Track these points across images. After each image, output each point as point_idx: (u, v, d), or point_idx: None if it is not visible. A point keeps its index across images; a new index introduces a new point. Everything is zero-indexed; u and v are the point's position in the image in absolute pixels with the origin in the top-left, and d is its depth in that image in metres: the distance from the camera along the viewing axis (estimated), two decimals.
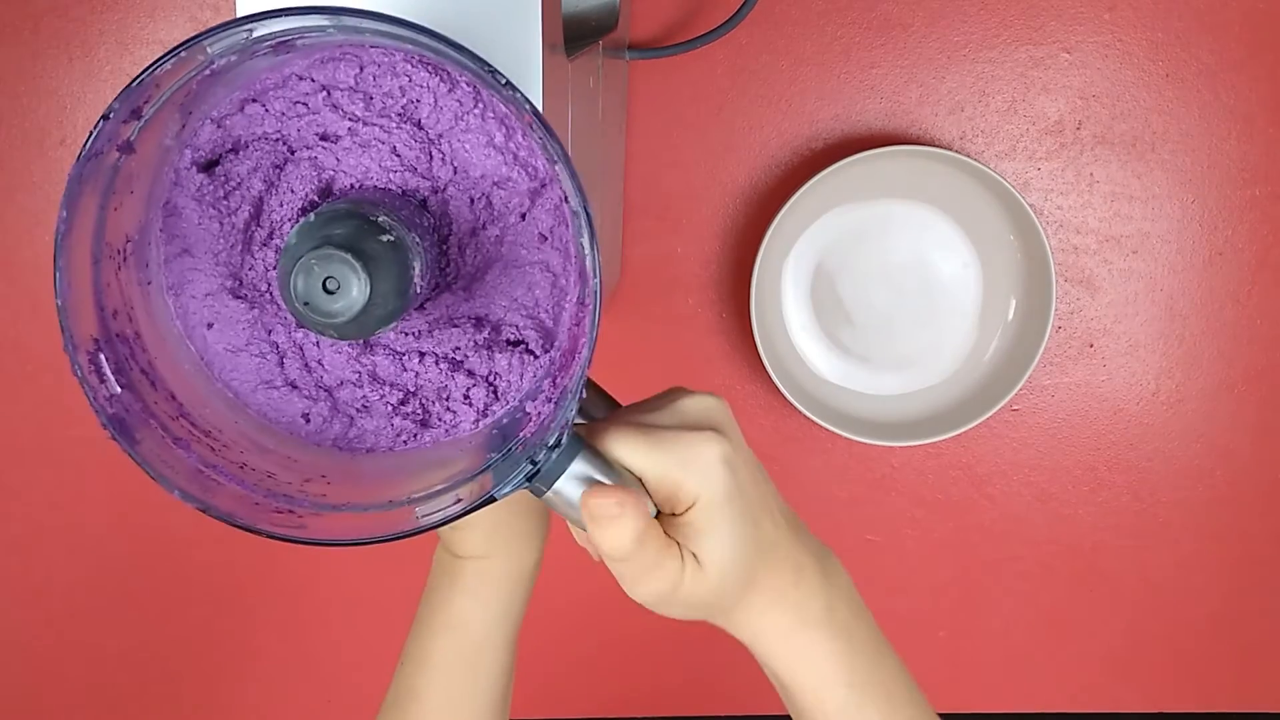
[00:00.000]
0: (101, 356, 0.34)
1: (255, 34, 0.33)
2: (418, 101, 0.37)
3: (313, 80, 0.37)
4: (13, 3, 0.67)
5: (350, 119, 0.37)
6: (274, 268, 0.38)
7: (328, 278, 0.32)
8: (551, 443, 0.35)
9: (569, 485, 0.36)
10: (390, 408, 0.39)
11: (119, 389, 0.35)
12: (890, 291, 0.70)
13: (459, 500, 0.35)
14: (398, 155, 0.38)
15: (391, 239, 0.33)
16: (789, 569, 0.40)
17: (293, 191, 0.38)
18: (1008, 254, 0.68)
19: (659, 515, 0.38)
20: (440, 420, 0.40)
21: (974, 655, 0.76)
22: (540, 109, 0.41)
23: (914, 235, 0.69)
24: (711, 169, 0.69)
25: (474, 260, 0.39)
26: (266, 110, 0.37)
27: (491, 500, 0.34)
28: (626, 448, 0.37)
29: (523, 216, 0.39)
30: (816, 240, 0.69)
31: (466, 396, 0.39)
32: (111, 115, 0.32)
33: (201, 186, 0.37)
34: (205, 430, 0.37)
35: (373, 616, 0.75)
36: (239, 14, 0.43)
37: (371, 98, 0.37)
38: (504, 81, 0.32)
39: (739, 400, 0.72)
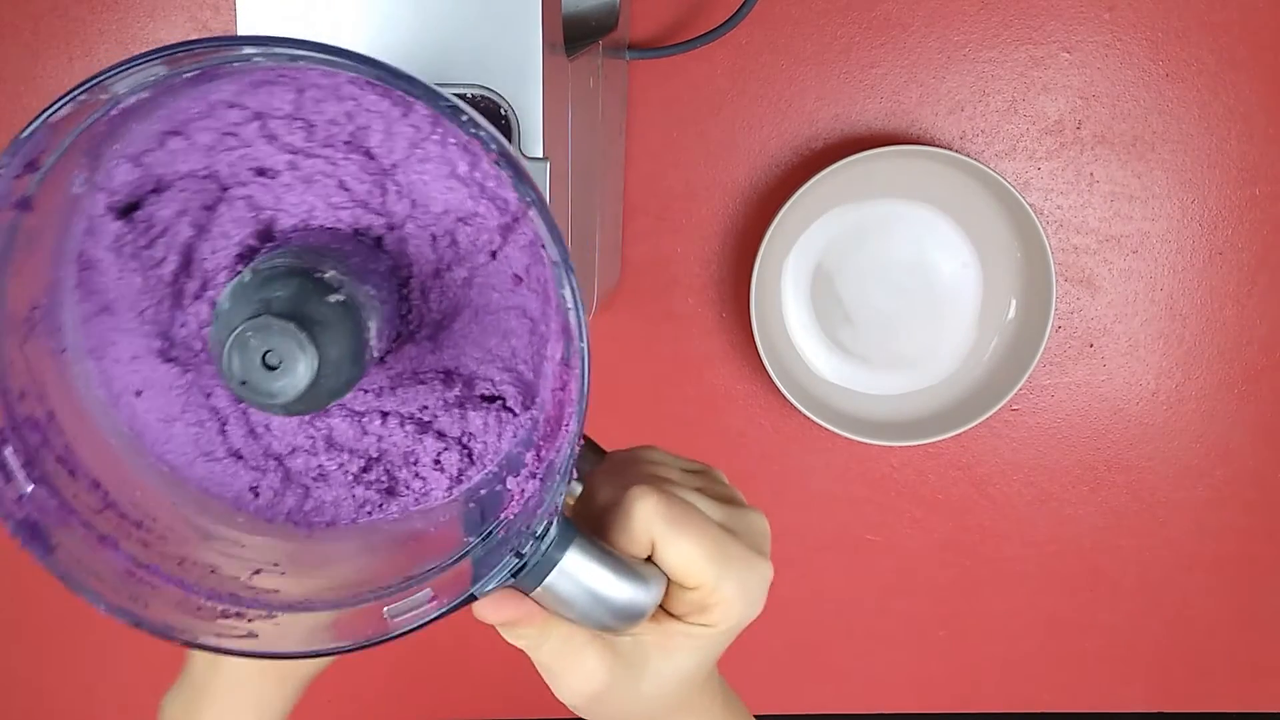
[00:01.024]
0: (7, 450, 0.29)
1: (167, 72, 0.28)
2: (366, 128, 0.32)
3: (244, 108, 0.31)
4: (13, 3, 0.67)
5: (289, 150, 0.32)
6: (208, 324, 0.32)
7: (267, 351, 0.27)
8: (539, 531, 0.30)
9: (564, 581, 0.30)
10: (350, 476, 0.34)
11: (29, 486, 0.29)
12: (890, 291, 0.70)
13: (434, 598, 0.30)
14: (346, 189, 0.32)
15: (341, 299, 0.28)
16: (714, 695, 0.38)
17: (227, 236, 0.32)
18: (1008, 254, 0.68)
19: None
20: (408, 488, 0.34)
21: (974, 655, 0.76)
22: (511, 142, 0.36)
23: (914, 235, 0.69)
24: (711, 169, 0.69)
25: (439, 306, 0.34)
26: (191, 143, 0.32)
27: (472, 599, 0.29)
28: (695, 550, 0.32)
29: (493, 255, 0.34)
30: (816, 240, 0.69)
31: (437, 461, 0.34)
32: (0, 170, 0.27)
33: (120, 235, 0.32)
34: (136, 520, 0.32)
35: None
36: (239, 18, 0.43)
37: (313, 125, 0.32)
38: (465, 118, 0.27)
39: (739, 400, 0.72)
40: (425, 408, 0.34)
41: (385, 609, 0.30)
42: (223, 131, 0.31)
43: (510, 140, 0.44)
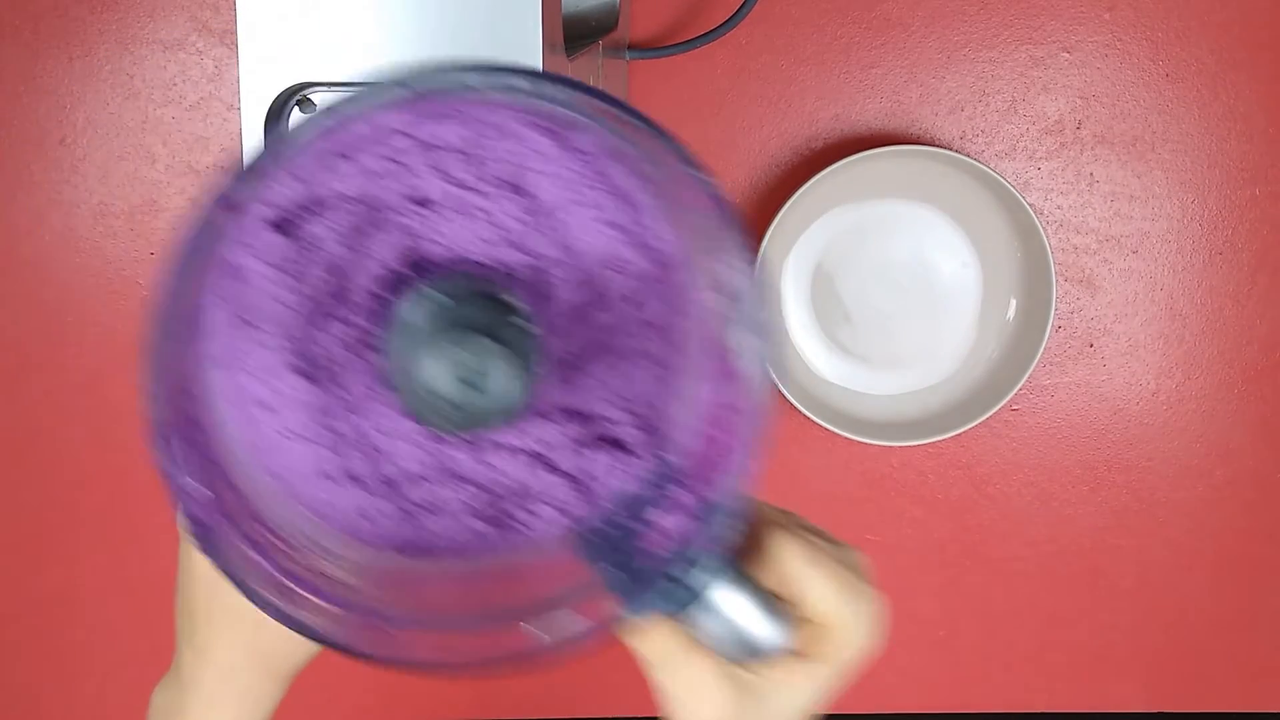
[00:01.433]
0: (179, 444, 0.28)
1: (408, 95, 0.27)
2: (529, 169, 0.32)
3: (412, 137, 0.32)
4: (13, 3, 0.67)
5: (452, 183, 0.32)
6: (346, 344, 0.33)
7: (470, 368, 0.28)
8: (698, 562, 0.30)
9: (711, 612, 0.31)
10: (465, 507, 0.34)
11: (204, 489, 0.29)
12: (890, 291, 0.70)
13: (579, 620, 0.30)
14: (501, 227, 0.33)
15: (522, 322, 0.29)
16: None
17: (377, 260, 0.33)
18: (1008, 254, 0.68)
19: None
20: (519, 522, 0.35)
21: (974, 655, 0.76)
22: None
23: (914, 235, 0.69)
24: (711, 169, 0.69)
25: (573, 347, 0.34)
26: (357, 167, 0.32)
27: (622, 621, 0.30)
28: (831, 588, 0.33)
29: (636, 304, 0.34)
30: (816, 240, 0.69)
31: (553, 497, 0.35)
32: (260, 169, 0.27)
33: (273, 248, 0.32)
34: (275, 532, 0.31)
35: None
36: (239, 18, 0.43)
37: (482, 161, 0.32)
38: (704, 176, 0.28)
39: None
40: (546, 443, 0.34)
41: (522, 624, 0.30)
42: (389, 158, 0.32)
43: None
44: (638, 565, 0.31)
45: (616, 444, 0.34)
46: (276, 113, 0.44)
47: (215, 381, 0.32)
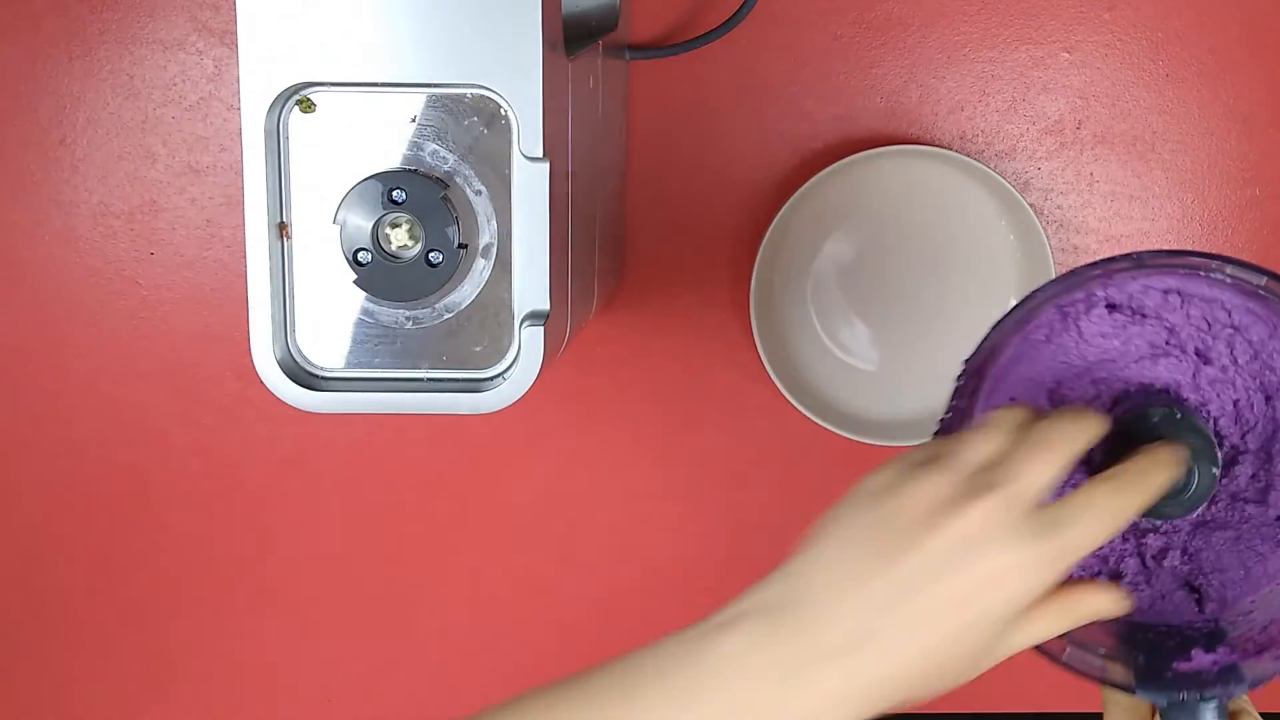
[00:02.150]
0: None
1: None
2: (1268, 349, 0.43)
3: (1229, 314, 0.42)
4: (13, 3, 0.67)
5: (1225, 360, 0.43)
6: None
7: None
8: (1205, 699, 0.40)
9: None
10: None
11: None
12: (890, 291, 0.69)
13: (1104, 669, 0.42)
14: (1238, 396, 0.44)
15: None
16: None
17: (1144, 378, 0.44)
18: (1008, 254, 0.68)
19: None
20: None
21: None
22: (511, 142, 0.41)
23: (914, 235, 0.69)
24: (712, 169, 0.69)
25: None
26: (1181, 306, 0.43)
27: (1125, 688, 0.41)
28: None
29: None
30: (816, 240, 0.69)
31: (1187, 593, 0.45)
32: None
33: (1099, 320, 0.44)
34: None
35: (372, 614, 0.75)
36: (240, 18, 0.43)
37: (1256, 354, 0.43)
38: None
39: (739, 400, 0.72)
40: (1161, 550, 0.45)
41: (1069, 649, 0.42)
42: (1204, 318, 0.42)
43: (510, 140, 0.44)
44: (1169, 671, 0.41)
45: (1194, 588, 0.45)
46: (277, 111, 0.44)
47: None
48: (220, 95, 0.69)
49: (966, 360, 0.43)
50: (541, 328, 0.45)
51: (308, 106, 0.45)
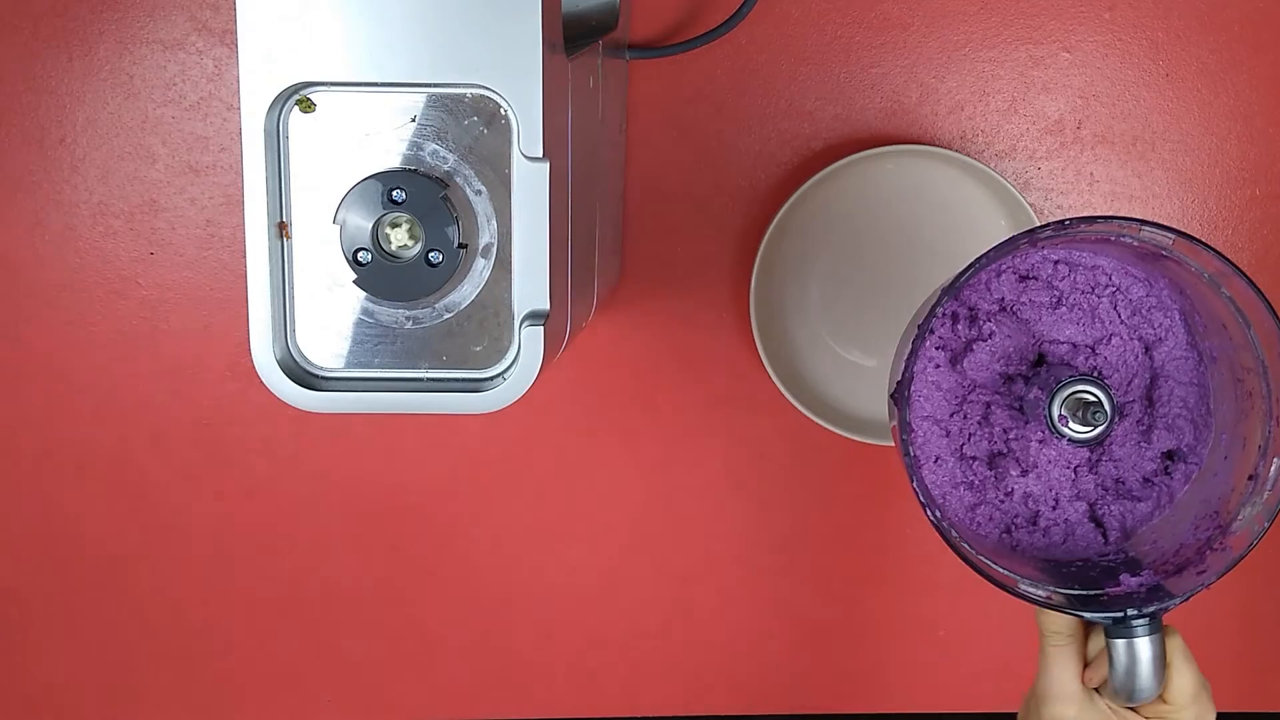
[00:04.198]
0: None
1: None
2: (1122, 290, 0.51)
3: (1109, 277, 0.51)
4: (13, 3, 0.67)
5: (1110, 315, 0.51)
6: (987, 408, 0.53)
7: (1083, 406, 0.47)
8: (1139, 617, 0.46)
9: (1126, 648, 0.46)
10: (1037, 518, 0.52)
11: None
12: (890, 291, 0.69)
13: (1050, 596, 0.47)
14: (1123, 358, 0.51)
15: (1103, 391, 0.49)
16: None
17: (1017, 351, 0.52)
18: None
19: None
20: (1048, 528, 0.51)
21: (974, 655, 0.76)
22: (510, 141, 0.42)
23: (914, 235, 0.69)
24: (711, 169, 0.69)
25: (1142, 418, 0.52)
26: (1069, 275, 0.51)
27: (1075, 616, 0.46)
28: (1188, 681, 0.48)
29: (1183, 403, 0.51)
30: (816, 240, 0.69)
31: (1085, 527, 0.52)
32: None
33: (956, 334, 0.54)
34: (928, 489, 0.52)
35: (372, 614, 0.75)
36: (240, 18, 0.43)
37: (1135, 310, 0.51)
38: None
39: (739, 400, 0.72)
40: (1095, 490, 0.52)
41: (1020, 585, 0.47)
42: (1080, 281, 0.51)
43: (510, 140, 0.44)
44: (1103, 595, 0.47)
45: (1099, 521, 0.51)
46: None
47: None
48: (220, 95, 0.69)
49: (919, 324, 0.49)
50: (541, 328, 0.45)
51: (308, 106, 0.45)
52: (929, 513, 0.45)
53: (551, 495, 0.73)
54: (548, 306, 0.45)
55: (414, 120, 0.45)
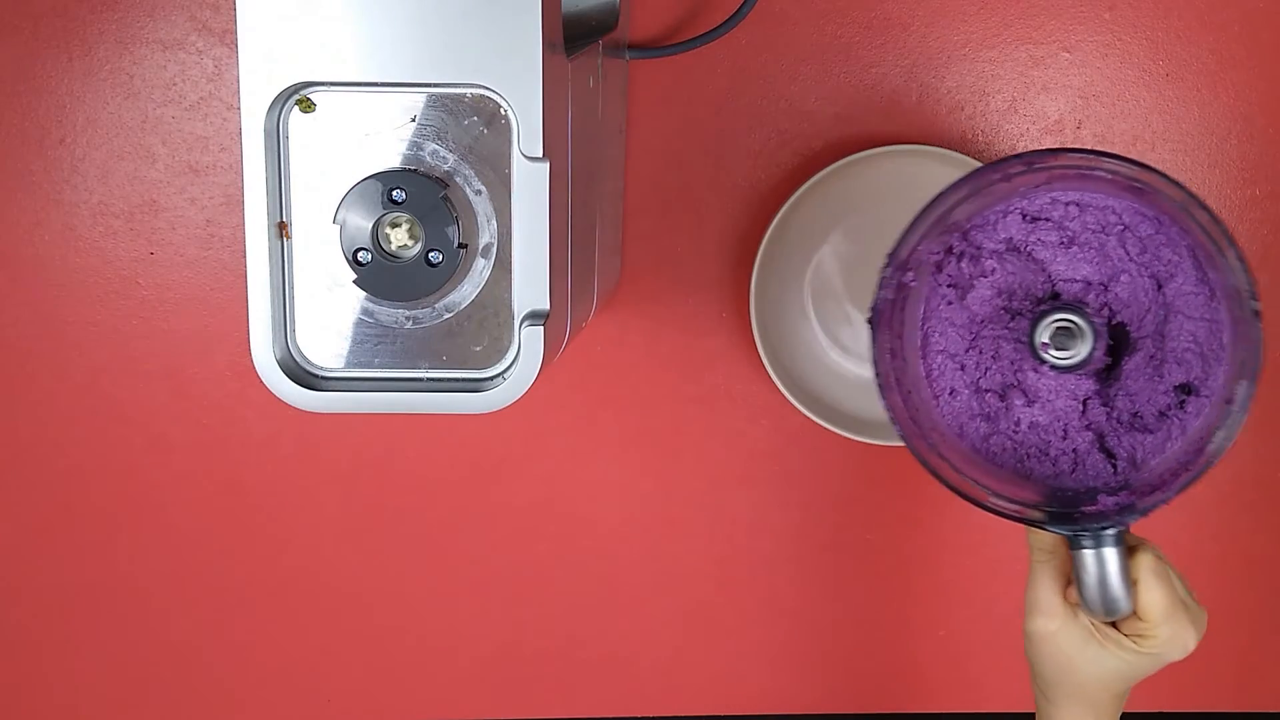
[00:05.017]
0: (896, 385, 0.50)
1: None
2: (1129, 229, 0.51)
3: (1119, 216, 0.51)
4: (13, 3, 0.67)
5: (1120, 253, 0.51)
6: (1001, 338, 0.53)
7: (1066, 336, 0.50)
8: (1108, 528, 0.47)
9: (1095, 558, 0.47)
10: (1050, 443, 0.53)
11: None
12: None
13: (1021, 510, 0.48)
14: (1134, 294, 0.52)
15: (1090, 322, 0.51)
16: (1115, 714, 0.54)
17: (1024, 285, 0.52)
18: None
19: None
20: (1051, 457, 0.52)
21: (974, 655, 0.76)
22: (510, 141, 0.41)
23: None
24: (711, 169, 0.69)
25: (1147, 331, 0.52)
26: (1079, 215, 0.52)
27: (1039, 524, 0.48)
28: (1160, 598, 0.48)
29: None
30: (816, 240, 0.69)
31: (1078, 448, 0.52)
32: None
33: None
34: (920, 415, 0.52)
35: (372, 614, 0.75)
36: (240, 18, 0.43)
37: (1145, 247, 0.51)
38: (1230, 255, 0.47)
39: (739, 400, 0.72)
40: (1095, 422, 0.52)
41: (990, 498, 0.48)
42: (1091, 222, 0.51)
43: (510, 140, 0.44)
44: (1080, 511, 0.48)
45: (1110, 453, 0.52)
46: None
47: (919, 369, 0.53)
48: (220, 95, 0.69)
49: (890, 253, 0.49)
50: (541, 328, 0.45)
51: (308, 106, 0.45)
52: (886, 407, 0.48)
53: (551, 495, 0.73)
54: (548, 306, 0.45)
55: (414, 120, 0.45)
